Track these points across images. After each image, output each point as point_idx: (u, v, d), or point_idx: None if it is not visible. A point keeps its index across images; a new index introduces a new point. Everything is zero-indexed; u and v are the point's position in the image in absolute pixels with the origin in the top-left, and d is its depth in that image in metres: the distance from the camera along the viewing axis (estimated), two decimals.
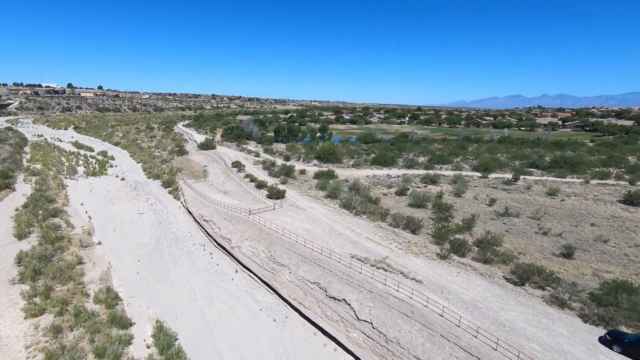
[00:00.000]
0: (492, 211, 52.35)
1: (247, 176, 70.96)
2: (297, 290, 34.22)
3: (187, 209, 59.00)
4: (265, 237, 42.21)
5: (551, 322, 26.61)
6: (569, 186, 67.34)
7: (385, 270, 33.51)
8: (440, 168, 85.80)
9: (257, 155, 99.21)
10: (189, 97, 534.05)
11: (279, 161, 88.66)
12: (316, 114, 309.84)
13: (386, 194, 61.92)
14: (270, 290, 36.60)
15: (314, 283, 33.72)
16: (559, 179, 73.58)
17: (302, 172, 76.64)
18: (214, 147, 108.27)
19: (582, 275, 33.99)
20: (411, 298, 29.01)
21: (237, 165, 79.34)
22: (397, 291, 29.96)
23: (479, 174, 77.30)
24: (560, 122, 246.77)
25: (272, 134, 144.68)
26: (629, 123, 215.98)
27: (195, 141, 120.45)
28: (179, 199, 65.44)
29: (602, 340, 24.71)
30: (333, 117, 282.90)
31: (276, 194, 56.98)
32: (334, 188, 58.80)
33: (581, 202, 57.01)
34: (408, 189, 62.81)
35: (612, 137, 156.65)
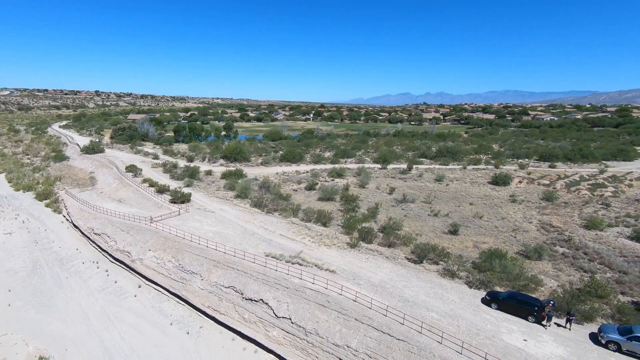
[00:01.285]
0: (392, 199, 57.33)
1: (145, 181, 64.63)
2: (211, 297, 32.59)
3: (72, 222, 51.13)
4: (172, 245, 39.11)
5: (445, 292, 30.43)
6: (451, 172, 77.57)
7: (301, 265, 34.11)
8: (345, 162, 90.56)
9: (156, 157, 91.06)
10: (66, 94, 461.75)
11: (182, 163, 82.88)
12: (219, 111, 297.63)
13: (296, 190, 62.90)
14: (181, 301, 34.13)
15: (228, 287, 32.54)
16: (444, 167, 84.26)
17: (209, 173, 72.99)
18: (102, 151, 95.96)
19: (466, 248, 39.63)
20: (326, 288, 30.10)
21: (133, 169, 71.66)
22: (313, 283, 30.78)
23: (379, 166, 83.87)
24: (441, 117, 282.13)
25: (171, 134, 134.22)
26: (492, 117, 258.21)
27: (78, 144, 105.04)
28: (60, 212, 56.30)
29: (483, 300, 29.21)
30: (238, 114, 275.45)
31: (181, 198, 53.18)
32: (243, 187, 57.40)
33: (462, 185, 66.26)
34: (317, 184, 64.83)
35: (480, 128, 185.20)
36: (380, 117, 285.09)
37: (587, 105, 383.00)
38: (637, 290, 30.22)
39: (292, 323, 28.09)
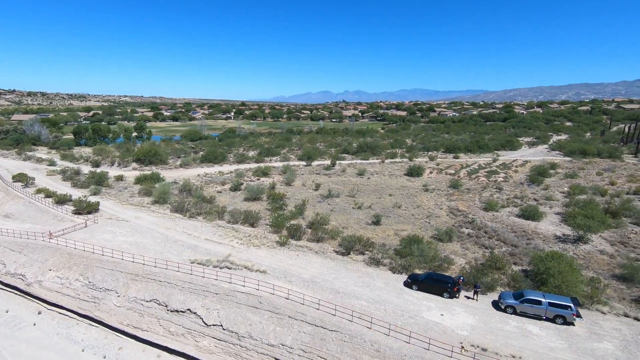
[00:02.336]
0: (318, 195, 58.65)
1: (40, 191, 56.19)
2: (130, 314, 29.80)
3: None
4: (78, 261, 34.73)
5: (372, 280, 32.23)
6: (371, 166, 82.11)
7: (230, 269, 33.05)
8: (270, 160, 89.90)
9: (52, 163, 79.76)
10: None
11: (86, 168, 73.94)
12: (129, 111, 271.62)
13: (221, 192, 60.62)
14: (93, 323, 30.59)
15: (150, 301, 30.11)
16: (365, 161, 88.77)
17: (119, 178, 66.36)
18: None
19: (388, 236, 42.42)
20: (258, 290, 29.66)
21: (23, 178, 61.82)
22: (244, 286, 30.08)
23: (304, 163, 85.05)
24: (360, 114, 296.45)
25: (70, 136, 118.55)
26: (404, 113, 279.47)
27: None
28: None
29: (405, 283, 31.64)
30: (150, 114, 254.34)
31: (87, 208, 47.46)
32: (161, 192, 53.39)
33: (381, 178, 70.60)
34: (242, 184, 63.27)
35: (395, 124, 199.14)
36: (302, 115, 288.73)
37: (481, 103, 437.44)
38: (525, 259, 35.55)
39: (224, 329, 27.13)
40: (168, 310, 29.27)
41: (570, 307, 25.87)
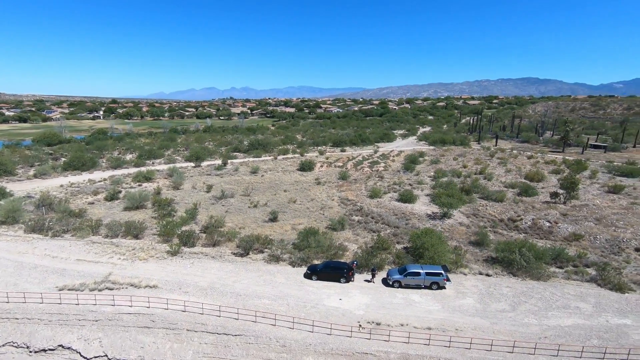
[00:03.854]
0: (211, 196, 55.86)
1: None
2: None
3: None
4: None
5: (273, 277, 32.35)
6: (264, 163, 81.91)
7: (112, 289, 29.08)
8: (153, 163, 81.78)
9: None
10: None
11: None
12: None
13: (93, 203, 52.59)
14: None
15: (4, 345, 24.45)
16: (257, 159, 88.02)
17: None
18: None
19: (286, 231, 43.08)
20: (149, 307, 26.86)
21: None
22: (131, 306, 26.88)
23: (193, 164, 79.85)
24: (249, 111, 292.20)
25: None
26: (293, 110, 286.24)
27: None
28: None
29: (305, 275, 32.68)
30: None
31: None
32: (9, 210, 43.55)
33: (275, 175, 71.08)
34: (120, 192, 56.06)
35: (284, 121, 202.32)
36: (187, 113, 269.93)
37: (360, 99, 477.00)
38: (406, 238, 40.36)
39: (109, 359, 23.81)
40: (31, 351, 24.25)
41: (441, 273, 30.45)
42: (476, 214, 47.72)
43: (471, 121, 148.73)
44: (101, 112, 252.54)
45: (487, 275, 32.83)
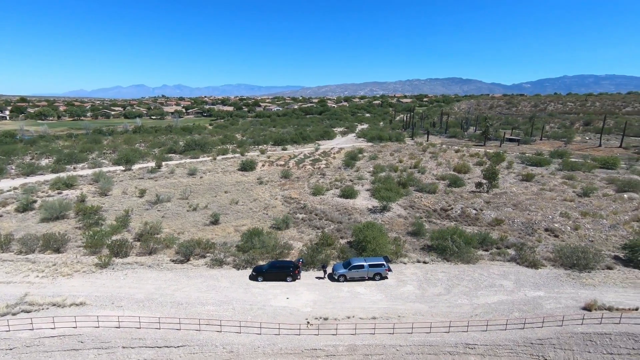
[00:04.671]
0: (144, 202, 52.17)
1: None
2: None
3: None
4: None
5: (216, 282, 31.20)
6: (203, 164, 78.52)
7: (29, 312, 25.83)
8: (75, 168, 74.03)
9: None
10: None
11: None
12: None
13: (2, 215, 46.16)
14: None
15: None
16: (195, 160, 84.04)
17: None
18: None
19: (229, 234, 41.78)
20: (76, 327, 24.33)
21: None
22: (54, 328, 24.12)
23: (122, 168, 73.81)
24: (184, 110, 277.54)
25: None
26: (231, 108, 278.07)
27: None
28: None
29: (251, 277, 32.03)
30: None
31: None
32: None
33: (215, 176, 68.51)
34: (35, 201, 49.91)
35: (222, 120, 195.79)
36: (113, 112, 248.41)
37: (300, 98, 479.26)
38: (349, 232, 41.46)
39: None
40: None
41: (383, 264, 31.83)
42: (412, 205, 50.62)
43: (405, 118, 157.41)
44: (7, 112, 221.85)
45: (424, 262, 35.05)
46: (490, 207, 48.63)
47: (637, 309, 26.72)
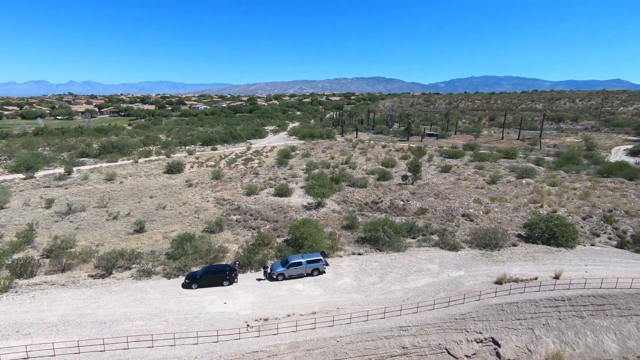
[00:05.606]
0: (53, 213, 46.18)
1: None
2: None
3: None
4: None
5: (145, 294, 28.93)
6: (122, 168, 71.97)
7: None
8: None
9: None
10: None
11: None
12: None
13: None
14: None
15: None
16: (113, 164, 76.60)
17: None
18: None
19: (157, 241, 38.96)
20: None
21: None
22: None
23: (22, 175, 64.32)
24: (97, 109, 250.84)
25: None
26: (152, 107, 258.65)
27: None
28: None
29: (184, 285, 30.30)
30: None
31: None
32: None
33: (137, 180, 63.25)
34: None
35: (143, 120, 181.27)
36: (7, 112, 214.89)
37: (228, 96, 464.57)
38: (285, 231, 41.40)
39: None
40: None
41: (320, 260, 32.44)
42: (345, 200, 52.32)
43: (334, 116, 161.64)
44: None
45: (359, 254, 36.53)
46: (415, 197, 52.36)
47: (536, 278, 31.02)
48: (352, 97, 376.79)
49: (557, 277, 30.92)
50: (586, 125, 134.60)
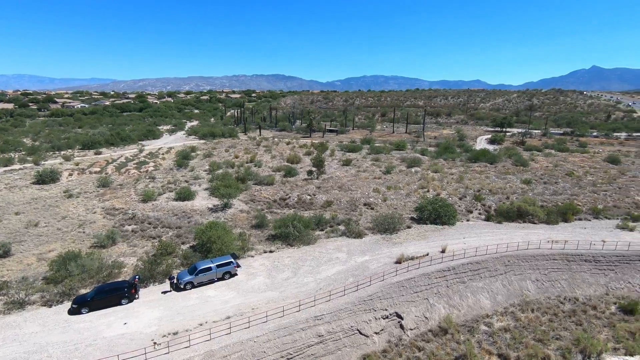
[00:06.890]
0: None
1: None
2: None
3: None
4: None
5: (18, 330, 24.20)
6: None
7: None
8: None
9: None
10: None
11: None
12: None
13: None
14: None
15: None
16: None
17: None
18: None
19: (29, 266, 32.79)
20: None
21: None
22: None
23: None
24: None
25: None
26: (11, 106, 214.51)
27: None
28: None
29: (71, 311, 26.16)
30: None
31: None
32: None
33: None
34: None
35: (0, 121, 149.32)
36: None
37: (112, 93, 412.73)
38: (191, 236, 38.95)
39: None
40: None
41: (231, 262, 31.44)
42: (253, 199, 51.59)
43: (235, 114, 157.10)
44: None
45: (271, 251, 36.50)
46: (321, 191, 54.48)
47: (427, 254, 35.33)
48: (253, 95, 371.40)
49: (443, 251, 35.72)
50: (457, 119, 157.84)
